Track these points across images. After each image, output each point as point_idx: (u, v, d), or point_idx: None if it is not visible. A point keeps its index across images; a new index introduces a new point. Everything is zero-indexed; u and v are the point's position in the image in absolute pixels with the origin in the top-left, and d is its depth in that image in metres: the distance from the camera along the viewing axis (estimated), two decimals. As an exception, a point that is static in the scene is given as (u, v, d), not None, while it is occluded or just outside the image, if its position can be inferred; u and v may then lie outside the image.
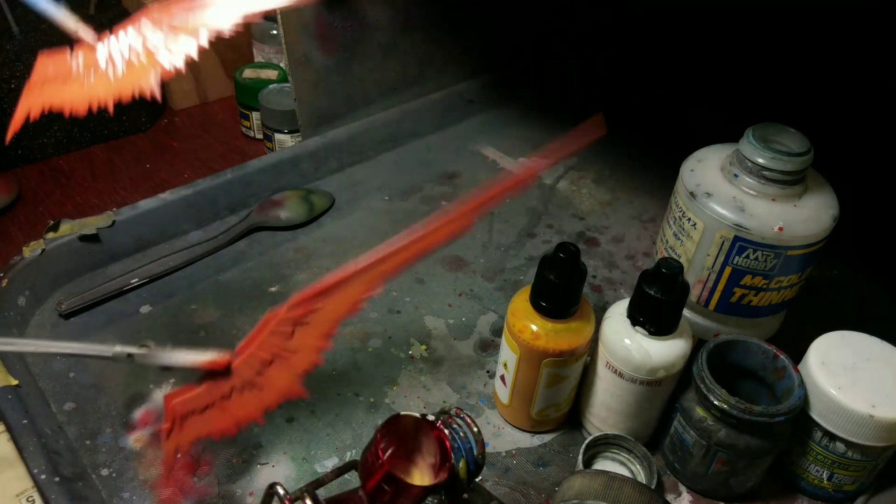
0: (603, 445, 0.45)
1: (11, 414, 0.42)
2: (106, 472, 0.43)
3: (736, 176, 0.43)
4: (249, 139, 0.80)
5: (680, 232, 0.46)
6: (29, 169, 0.73)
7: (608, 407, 0.44)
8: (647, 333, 0.41)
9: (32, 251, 0.53)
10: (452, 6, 0.73)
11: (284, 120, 0.72)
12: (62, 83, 0.31)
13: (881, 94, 0.71)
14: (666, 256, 0.47)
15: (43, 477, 0.39)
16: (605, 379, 0.43)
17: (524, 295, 0.43)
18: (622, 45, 0.89)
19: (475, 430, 0.34)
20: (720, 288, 0.45)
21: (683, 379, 0.43)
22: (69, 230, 0.55)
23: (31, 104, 0.31)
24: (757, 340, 0.43)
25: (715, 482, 0.43)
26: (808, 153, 0.42)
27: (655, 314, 0.40)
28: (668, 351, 0.41)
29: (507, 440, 0.47)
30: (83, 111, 0.30)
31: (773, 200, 0.42)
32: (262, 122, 0.75)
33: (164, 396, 0.34)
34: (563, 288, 0.40)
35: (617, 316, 0.42)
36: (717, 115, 0.75)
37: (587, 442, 0.43)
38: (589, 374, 0.45)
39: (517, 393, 0.45)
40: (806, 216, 0.42)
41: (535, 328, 0.41)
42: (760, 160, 0.42)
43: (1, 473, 0.40)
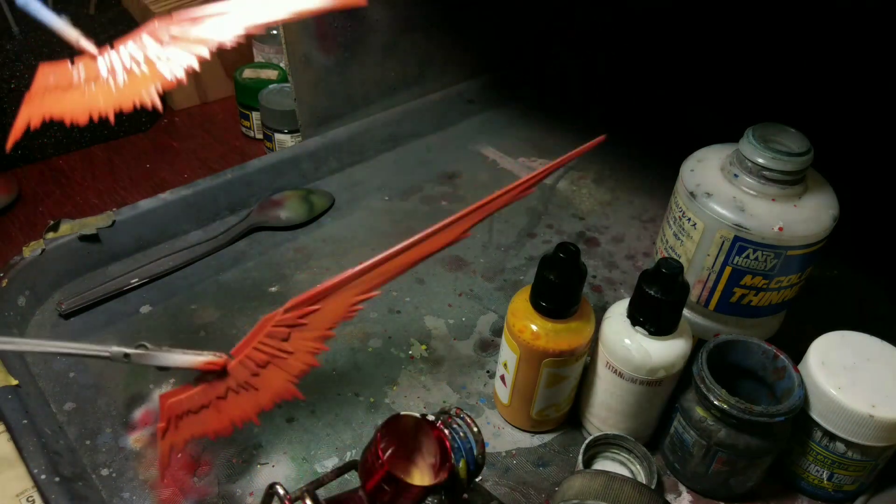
0: (603, 445, 0.45)
1: (11, 414, 0.42)
2: (106, 472, 0.43)
3: (736, 176, 0.43)
4: (249, 139, 0.80)
5: (680, 232, 0.46)
6: (29, 169, 0.73)
7: (608, 407, 0.44)
8: (647, 333, 0.41)
9: (32, 251, 0.53)
10: (452, 6, 0.73)
11: (284, 120, 0.72)
12: (63, 92, 0.31)
13: (881, 94, 0.71)
14: (666, 256, 0.47)
15: (43, 477, 0.39)
16: (605, 379, 0.43)
17: (524, 295, 0.43)
18: (622, 45, 0.89)
19: (475, 430, 0.35)
20: (720, 288, 0.45)
21: (683, 379, 0.43)
22: (69, 230, 0.55)
23: (31, 113, 0.31)
24: (757, 340, 0.43)
25: (715, 482, 0.43)
26: (808, 153, 0.42)
27: (655, 314, 0.40)
28: (668, 351, 0.41)
29: (507, 440, 0.47)
30: (84, 120, 0.31)
31: (773, 200, 0.42)
32: (262, 122, 0.75)
33: (159, 396, 0.34)
34: (563, 288, 0.40)
35: (617, 316, 0.42)
36: (717, 115, 0.75)
37: (587, 442, 0.43)
38: (589, 374, 0.45)
39: (517, 393, 0.45)
40: (806, 216, 0.42)
41: (535, 328, 0.41)
42: (760, 160, 0.42)
43: (1, 473, 0.40)
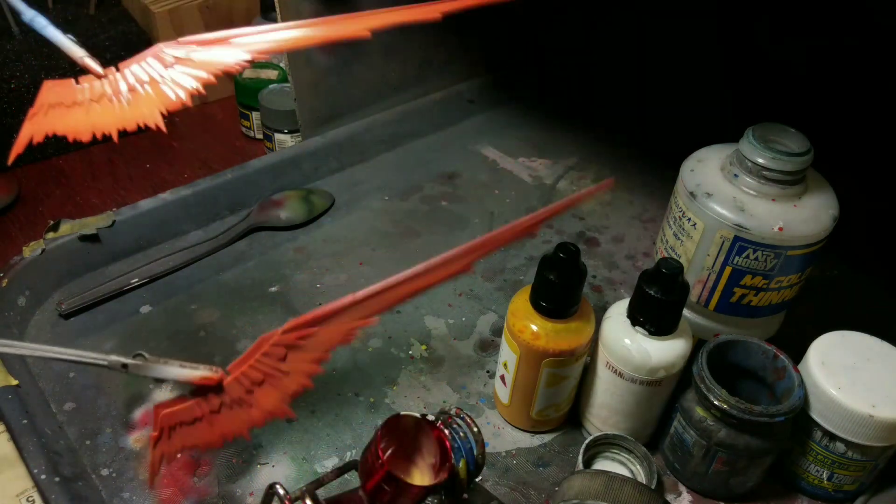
0: (603, 445, 0.45)
1: (11, 414, 0.42)
2: (106, 472, 0.43)
3: (736, 176, 0.43)
4: (249, 139, 0.80)
5: (680, 232, 0.46)
6: (29, 169, 0.73)
7: (608, 407, 0.44)
8: (647, 333, 0.41)
9: (32, 251, 0.53)
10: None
11: (284, 120, 0.72)
12: (67, 109, 0.31)
13: (881, 93, 0.71)
14: (666, 256, 0.47)
15: (43, 477, 0.39)
16: (605, 379, 0.43)
17: (524, 295, 0.43)
18: (622, 45, 0.89)
19: (475, 430, 0.35)
20: (720, 288, 0.45)
21: (683, 379, 0.43)
22: (69, 230, 0.55)
23: (34, 130, 0.31)
24: (757, 340, 0.43)
25: (715, 482, 0.43)
26: (808, 153, 0.42)
27: (655, 314, 0.40)
28: (668, 351, 0.41)
29: (507, 440, 0.47)
30: (87, 138, 0.31)
31: (773, 200, 0.42)
32: (262, 122, 0.75)
33: (154, 406, 0.35)
34: (563, 288, 0.40)
35: (617, 316, 0.42)
36: (717, 115, 0.75)
37: (587, 442, 0.43)
38: (589, 374, 0.45)
39: (517, 393, 0.45)
40: (806, 216, 0.42)
41: (535, 328, 0.41)
42: (760, 160, 0.42)
43: (1, 473, 0.40)
